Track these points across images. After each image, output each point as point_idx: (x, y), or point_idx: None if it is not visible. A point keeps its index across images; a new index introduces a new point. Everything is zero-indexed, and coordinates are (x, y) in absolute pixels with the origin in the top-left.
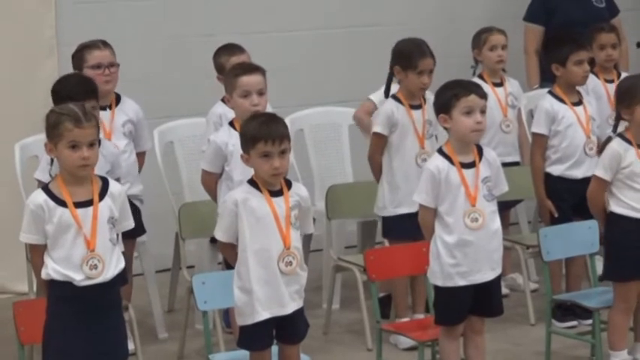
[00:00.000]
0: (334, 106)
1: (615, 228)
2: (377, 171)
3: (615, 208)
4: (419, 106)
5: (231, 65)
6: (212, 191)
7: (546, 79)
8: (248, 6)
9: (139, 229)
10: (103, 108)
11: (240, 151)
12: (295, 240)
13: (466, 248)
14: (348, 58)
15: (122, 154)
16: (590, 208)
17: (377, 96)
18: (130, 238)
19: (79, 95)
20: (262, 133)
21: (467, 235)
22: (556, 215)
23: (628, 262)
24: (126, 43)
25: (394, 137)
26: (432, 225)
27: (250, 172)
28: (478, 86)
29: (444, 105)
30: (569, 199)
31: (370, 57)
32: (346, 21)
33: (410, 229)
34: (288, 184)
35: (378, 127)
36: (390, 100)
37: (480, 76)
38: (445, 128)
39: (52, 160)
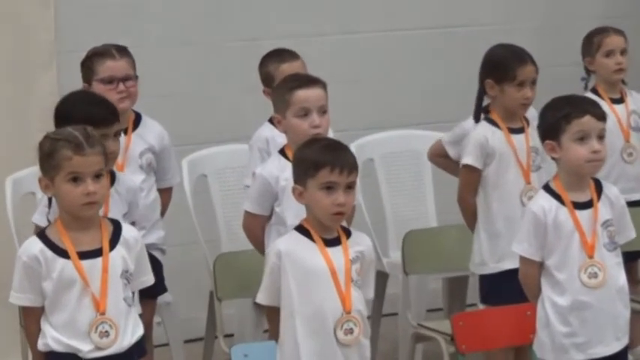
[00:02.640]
0: (414, 129)
1: None
2: (470, 216)
3: None
4: (521, 130)
5: (283, 76)
6: (257, 239)
7: None
8: (300, 2)
9: (159, 287)
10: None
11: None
12: (357, 301)
13: (583, 312)
14: (432, 67)
15: (139, 191)
16: None
17: (467, 125)
18: (149, 298)
19: (94, 120)
20: (327, 158)
21: (584, 296)
22: None
23: None
24: (147, 51)
25: (491, 171)
26: (536, 283)
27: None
28: (595, 104)
29: (550, 129)
30: None
31: (460, 65)
32: (428, 20)
33: (518, 290)
34: (347, 233)
35: (469, 159)
36: (483, 124)
37: (594, 90)
38: (553, 158)
39: (49, 201)
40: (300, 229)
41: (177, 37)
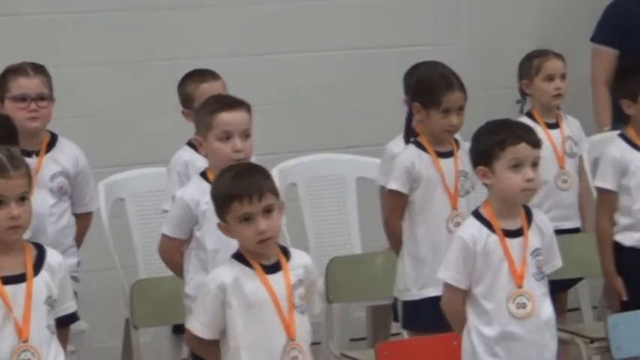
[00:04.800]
0: (338, 152)
1: None
2: (395, 240)
3: None
4: (450, 154)
5: (203, 96)
6: (175, 263)
7: (621, 118)
8: (224, 21)
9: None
10: (29, 154)
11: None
12: (301, 328)
13: (511, 343)
14: (358, 89)
15: (49, 216)
16: None
17: (398, 144)
18: (62, 326)
19: None
20: (234, 190)
21: (512, 326)
22: (625, 298)
23: None
24: (65, 71)
25: (417, 195)
26: (460, 311)
27: (230, 240)
28: (530, 131)
29: (483, 155)
30: None
31: (387, 87)
32: (354, 41)
33: (440, 318)
34: (286, 254)
35: (394, 184)
36: (411, 147)
37: (529, 115)
38: (484, 184)
39: None
40: (238, 256)
41: (96, 56)
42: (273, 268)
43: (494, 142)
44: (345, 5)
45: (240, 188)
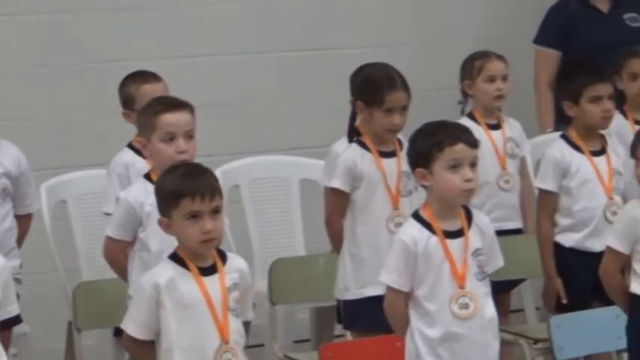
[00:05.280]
0: (281, 154)
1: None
2: (336, 239)
3: (637, 289)
4: (392, 154)
5: (144, 97)
6: (120, 265)
7: (564, 120)
8: (165, 23)
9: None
10: None
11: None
12: (235, 332)
13: (454, 344)
14: (301, 90)
15: None
16: (606, 289)
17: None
18: (4, 328)
19: None
20: (187, 187)
21: (455, 327)
22: (564, 300)
23: None
24: (3, 73)
25: (359, 195)
26: (403, 314)
27: (174, 241)
28: (467, 131)
29: (421, 157)
30: (586, 278)
31: (331, 89)
32: (297, 43)
33: (380, 317)
34: (223, 257)
35: (336, 182)
36: (353, 146)
37: (471, 115)
38: (423, 186)
39: None
40: (175, 257)
41: (36, 58)
42: (209, 271)
43: (431, 144)
44: (289, 7)
45: (193, 186)
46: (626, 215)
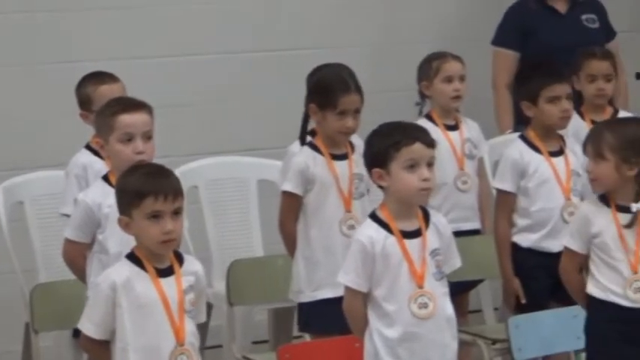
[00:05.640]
0: (239, 155)
1: (596, 315)
2: (290, 242)
3: (592, 289)
4: (344, 156)
5: (102, 98)
6: (79, 267)
7: (522, 121)
8: (123, 24)
9: None
10: None
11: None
12: (190, 333)
13: (413, 344)
14: (259, 91)
15: None
16: (566, 288)
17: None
18: None
19: None
20: (150, 186)
21: (414, 327)
22: (523, 300)
23: None
24: None
25: (311, 198)
26: (362, 314)
27: (133, 242)
28: (424, 131)
29: (378, 157)
30: (544, 278)
31: (289, 90)
32: (256, 43)
33: (335, 319)
34: (180, 259)
35: (288, 185)
36: (305, 149)
37: (428, 116)
38: (380, 187)
39: None
40: (132, 257)
41: None
42: (166, 272)
43: (388, 144)
44: (246, 8)
45: (156, 185)
46: (579, 214)
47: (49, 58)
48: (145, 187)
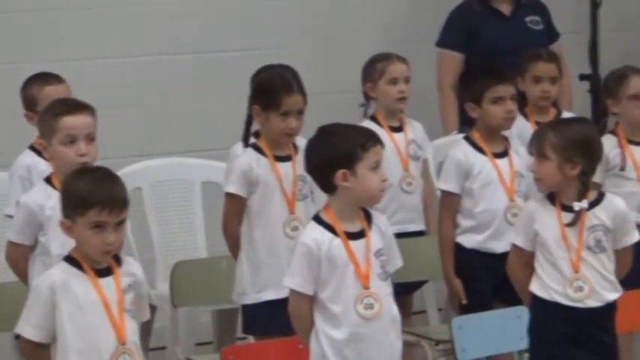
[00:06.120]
0: (183, 156)
1: (539, 315)
2: (233, 244)
3: (535, 288)
4: (287, 158)
5: (46, 99)
6: (21, 269)
7: (468, 122)
8: (68, 25)
9: None
10: None
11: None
12: (132, 332)
13: (360, 345)
14: (203, 92)
15: None
16: (514, 285)
17: (238, 151)
18: None
19: None
20: (98, 197)
21: (360, 328)
22: (464, 301)
23: None
24: None
25: (255, 199)
26: (308, 317)
27: (73, 244)
28: (372, 134)
29: (344, 157)
30: (488, 279)
31: (233, 91)
32: (200, 44)
33: (279, 321)
34: (118, 260)
35: (232, 187)
36: (249, 151)
37: (373, 118)
38: (332, 188)
39: None
40: (70, 259)
41: None
42: (105, 272)
43: (356, 144)
44: (190, 9)
45: (103, 197)
46: (525, 211)
47: None
48: (92, 197)
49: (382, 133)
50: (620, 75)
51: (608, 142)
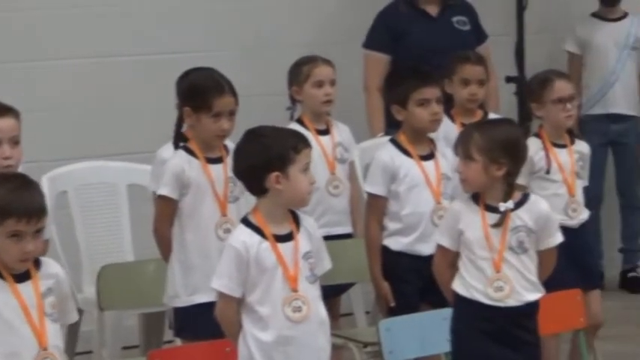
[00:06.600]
0: (109, 159)
1: (461, 313)
2: (165, 247)
3: (458, 287)
4: (219, 160)
5: None
6: None
7: (394, 124)
8: None
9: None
10: None
11: None
12: (53, 336)
13: (288, 347)
14: (128, 95)
15: None
16: (439, 285)
17: (168, 149)
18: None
19: None
20: (15, 206)
21: (288, 330)
22: (392, 304)
23: None
24: None
25: (186, 201)
26: (235, 319)
27: None
28: (302, 136)
29: (277, 160)
30: (415, 281)
31: (156, 93)
32: (126, 47)
33: (211, 324)
34: (37, 263)
35: (164, 189)
36: (180, 153)
37: (299, 121)
38: (264, 190)
39: None
40: None
41: None
42: (23, 277)
43: (288, 147)
44: (116, 12)
45: (21, 206)
46: (450, 211)
47: None
48: (10, 207)
49: (309, 135)
50: (545, 79)
51: (533, 145)
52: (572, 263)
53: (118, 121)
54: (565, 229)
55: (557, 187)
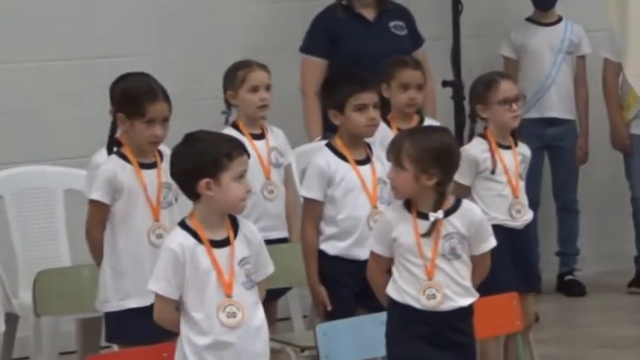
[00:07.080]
0: (46, 164)
1: (394, 316)
2: (96, 251)
3: (391, 291)
4: (152, 165)
5: None
6: None
7: (331, 129)
8: None
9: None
10: None
11: None
12: None
13: (223, 352)
14: (65, 99)
15: None
16: (374, 291)
17: (103, 155)
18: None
19: None
20: None
21: (223, 336)
22: (329, 308)
23: None
24: None
25: (118, 206)
26: (173, 322)
27: None
28: (239, 143)
29: (209, 166)
30: (352, 285)
31: (93, 98)
32: (64, 51)
33: (144, 330)
34: None
35: (96, 194)
36: (113, 158)
37: (234, 125)
38: (195, 195)
39: None
40: None
41: None
42: None
43: (221, 153)
44: (60, 16)
45: None
46: (382, 219)
47: None
48: None
49: (244, 140)
50: (490, 80)
51: (479, 146)
52: (514, 264)
53: (55, 126)
54: (509, 230)
55: (501, 188)
